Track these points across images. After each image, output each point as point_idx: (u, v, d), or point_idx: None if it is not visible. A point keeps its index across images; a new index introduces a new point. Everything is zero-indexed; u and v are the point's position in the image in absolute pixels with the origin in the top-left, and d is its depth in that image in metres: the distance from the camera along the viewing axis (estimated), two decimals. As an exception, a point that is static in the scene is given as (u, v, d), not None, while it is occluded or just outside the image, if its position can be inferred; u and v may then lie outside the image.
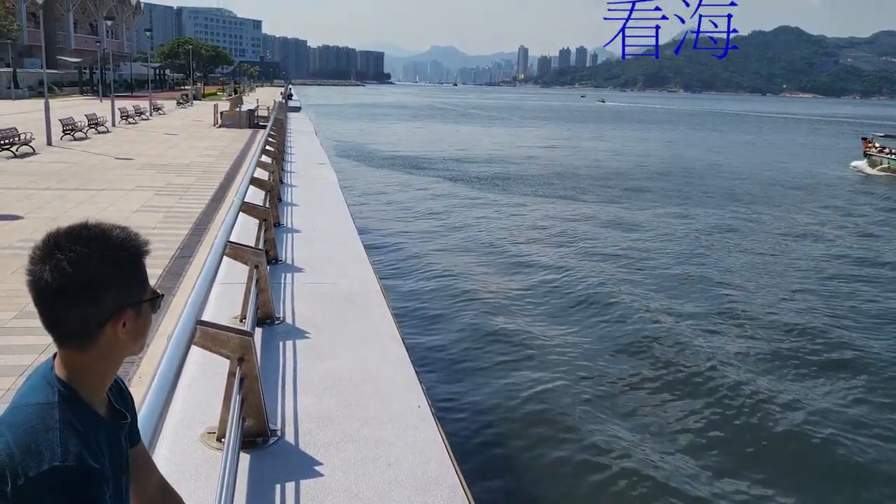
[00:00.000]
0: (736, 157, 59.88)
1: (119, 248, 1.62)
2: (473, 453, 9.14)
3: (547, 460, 9.27)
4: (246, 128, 40.29)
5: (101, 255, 1.58)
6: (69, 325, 1.59)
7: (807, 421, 10.79)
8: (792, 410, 11.12)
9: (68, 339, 1.61)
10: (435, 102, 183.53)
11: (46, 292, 1.56)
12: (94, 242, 1.59)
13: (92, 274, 1.56)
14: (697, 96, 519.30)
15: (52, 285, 1.54)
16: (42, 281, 1.55)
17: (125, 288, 1.63)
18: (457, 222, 26.18)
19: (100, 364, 1.66)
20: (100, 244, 1.59)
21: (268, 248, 8.97)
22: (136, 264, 1.66)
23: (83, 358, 1.62)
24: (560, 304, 16.31)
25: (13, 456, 1.47)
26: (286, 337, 6.75)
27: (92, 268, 1.56)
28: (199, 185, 19.42)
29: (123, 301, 1.62)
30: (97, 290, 1.57)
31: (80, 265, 1.55)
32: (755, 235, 25.76)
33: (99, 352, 1.63)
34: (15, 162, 22.94)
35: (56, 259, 1.55)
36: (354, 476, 4.39)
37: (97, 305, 1.58)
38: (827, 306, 16.92)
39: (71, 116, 33.06)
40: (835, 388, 12.22)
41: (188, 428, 4.87)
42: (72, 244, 1.57)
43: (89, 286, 1.56)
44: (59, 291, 1.55)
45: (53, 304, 1.57)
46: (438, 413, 5.60)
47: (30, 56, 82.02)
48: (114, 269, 1.60)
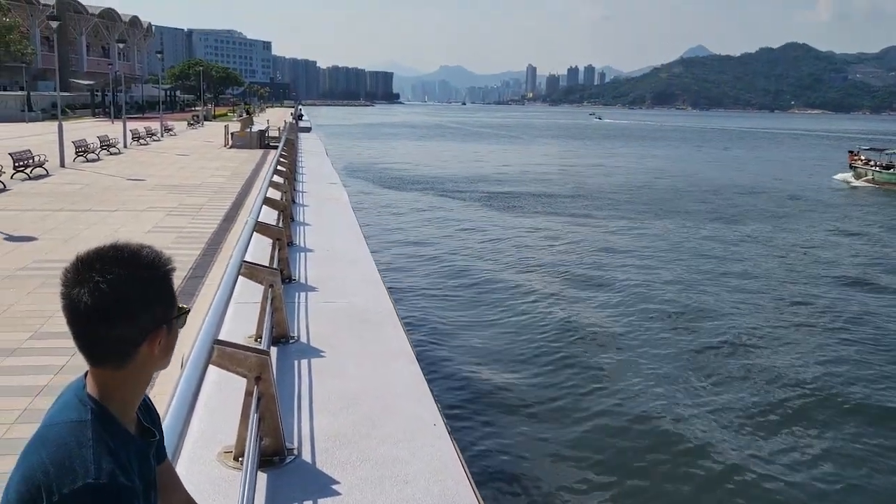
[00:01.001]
0: (736, 171, 61.35)
1: (151, 268, 1.65)
2: (491, 471, 9.12)
3: (566, 480, 9.22)
4: (256, 148, 40.52)
5: (136, 276, 1.61)
6: (107, 346, 1.61)
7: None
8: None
9: (104, 359, 1.63)
10: (444, 122, 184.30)
11: (85, 315, 1.57)
12: (128, 264, 1.62)
13: (129, 295, 1.59)
14: (705, 114, 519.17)
15: (91, 308, 1.56)
16: (81, 304, 1.57)
17: (159, 306, 1.66)
18: (467, 240, 26.27)
19: (131, 382, 1.68)
20: (134, 265, 1.62)
21: (281, 267, 9.01)
22: (166, 283, 1.70)
23: (116, 376, 1.65)
24: (574, 323, 16.27)
25: (48, 473, 1.49)
26: (301, 356, 6.77)
27: (129, 289, 1.59)
28: (210, 206, 19.53)
29: (158, 319, 1.65)
30: (134, 311, 1.60)
31: (118, 286, 1.58)
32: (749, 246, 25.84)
33: (132, 370, 1.65)
34: (29, 184, 23.15)
35: (95, 282, 1.57)
36: (371, 494, 4.39)
37: (134, 326, 1.61)
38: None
39: (84, 138, 33.36)
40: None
41: (205, 447, 4.88)
42: (108, 266, 1.59)
43: (127, 307, 1.59)
44: (97, 313, 1.57)
45: (91, 326, 1.59)
46: (454, 431, 5.59)
47: (43, 79, 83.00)
48: (148, 289, 1.63)
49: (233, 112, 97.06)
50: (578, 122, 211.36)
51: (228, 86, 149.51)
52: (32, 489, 1.49)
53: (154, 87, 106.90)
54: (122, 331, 1.60)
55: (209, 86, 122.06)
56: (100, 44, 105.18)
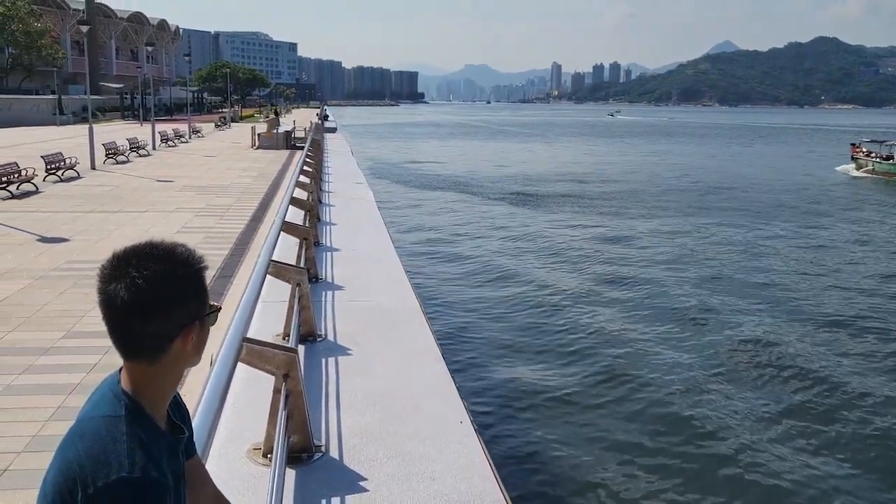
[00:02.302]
0: (747, 167, 62.42)
1: (185, 265, 1.69)
2: (518, 470, 9.11)
3: (594, 479, 9.18)
4: (283, 149, 40.83)
5: (172, 273, 1.64)
6: (142, 340, 1.64)
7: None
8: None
9: (139, 353, 1.66)
10: (469, 120, 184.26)
11: (121, 310, 1.61)
12: (164, 260, 1.65)
13: (165, 290, 1.62)
14: (732, 110, 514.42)
15: (128, 303, 1.60)
16: (118, 299, 1.60)
17: (193, 302, 1.69)
18: (492, 239, 26.25)
19: (164, 377, 1.71)
20: (169, 261, 1.66)
21: (308, 266, 9.08)
22: (200, 279, 1.73)
23: (150, 371, 1.68)
24: (602, 321, 16.19)
25: (83, 466, 1.53)
26: (328, 354, 6.82)
27: (164, 285, 1.62)
28: (238, 206, 19.72)
29: (192, 315, 1.69)
30: (169, 306, 1.63)
31: (154, 282, 1.61)
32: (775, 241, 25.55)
33: (165, 365, 1.69)
34: (61, 186, 23.53)
35: (131, 277, 1.60)
36: (399, 491, 4.42)
37: (169, 321, 1.64)
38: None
39: (113, 141, 33.84)
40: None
41: (234, 444, 4.94)
42: (144, 262, 1.63)
43: (162, 302, 1.62)
44: (134, 308, 1.60)
45: (128, 321, 1.62)
46: (481, 429, 5.60)
47: (74, 83, 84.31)
48: (183, 286, 1.66)
49: (259, 113, 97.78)
50: (594, 119, 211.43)
51: (255, 87, 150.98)
52: (69, 481, 1.53)
53: (182, 90, 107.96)
54: (157, 326, 1.63)
55: (236, 87, 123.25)
56: (129, 47, 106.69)
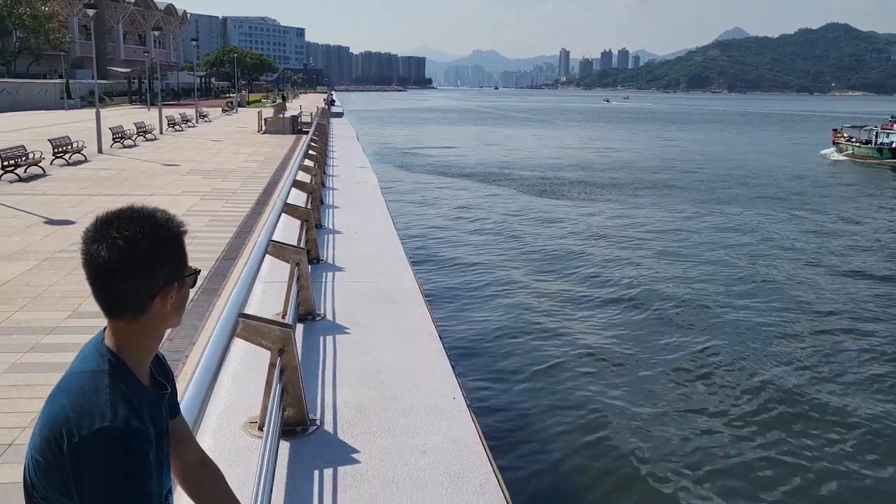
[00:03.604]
0: (742, 151, 64.74)
1: (164, 228, 1.78)
2: (506, 445, 9.32)
3: (578, 454, 9.40)
4: (289, 134, 40.88)
5: (151, 234, 1.74)
6: (122, 298, 1.74)
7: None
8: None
9: (120, 311, 1.76)
10: (476, 106, 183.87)
11: (103, 269, 1.71)
12: (143, 222, 1.74)
13: (143, 251, 1.72)
14: (741, 97, 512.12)
15: (108, 262, 1.70)
16: (99, 258, 1.70)
17: (171, 263, 1.79)
18: (494, 224, 26.34)
19: (145, 335, 1.81)
20: (148, 224, 1.75)
21: (309, 247, 9.17)
22: (178, 242, 1.82)
23: (131, 329, 1.78)
24: (599, 307, 16.30)
25: (69, 417, 1.64)
26: (326, 332, 6.93)
27: (143, 245, 1.71)
28: (243, 190, 19.83)
29: (170, 276, 1.78)
30: (148, 266, 1.73)
31: (133, 243, 1.71)
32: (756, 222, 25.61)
33: (145, 323, 1.78)
34: (68, 169, 23.68)
35: (112, 238, 1.70)
36: (391, 463, 4.53)
37: (148, 280, 1.74)
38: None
39: (120, 125, 33.96)
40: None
41: (231, 417, 5.06)
42: (125, 224, 1.72)
43: (141, 262, 1.72)
44: (113, 268, 1.70)
45: (108, 280, 1.72)
46: (473, 406, 5.71)
47: (81, 67, 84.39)
48: (162, 247, 1.76)
49: (266, 98, 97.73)
50: (599, 106, 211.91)
51: (262, 72, 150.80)
52: (55, 432, 1.65)
53: (189, 75, 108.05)
54: (136, 284, 1.73)
55: (243, 72, 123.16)
56: (136, 32, 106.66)
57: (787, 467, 9.25)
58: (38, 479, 1.69)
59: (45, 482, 1.68)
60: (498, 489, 4.34)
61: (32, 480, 1.71)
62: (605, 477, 8.87)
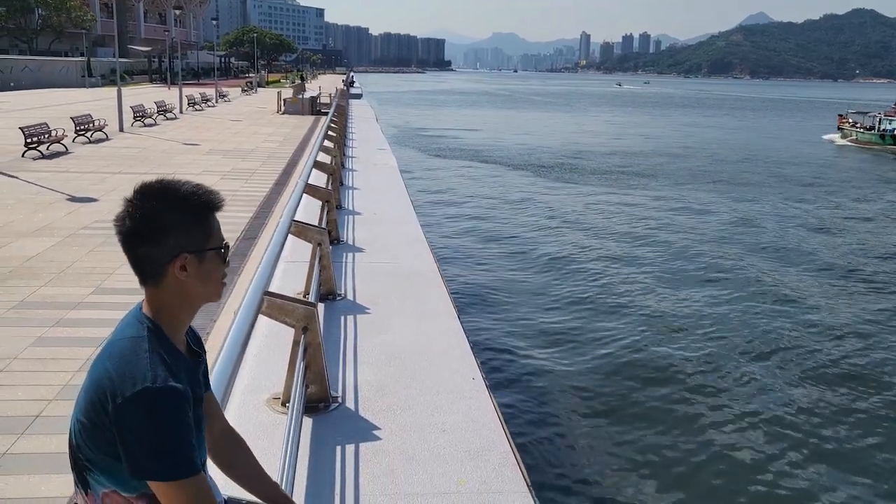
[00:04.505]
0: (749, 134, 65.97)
1: (184, 200, 1.88)
2: (525, 425, 9.38)
3: (595, 434, 9.46)
4: (308, 115, 40.95)
5: (166, 205, 1.85)
6: (141, 263, 1.87)
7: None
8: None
9: (143, 276, 1.89)
10: (495, 89, 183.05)
11: (123, 235, 1.85)
12: (161, 194, 1.86)
13: (156, 219, 1.84)
14: (763, 83, 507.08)
15: (128, 228, 1.84)
16: (125, 226, 1.85)
17: (185, 234, 1.87)
18: (512, 206, 26.33)
19: (173, 302, 1.90)
20: (166, 195, 1.86)
21: (330, 228, 9.25)
22: (200, 215, 1.90)
23: (159, 295, 1.89)
24: (617, 290, 16.29)
25: (112, 380, 1.74)
26: (347, 312, 7.01)
27: (157, 214, 1.84)
28: (263, 170, 19.92)
29: (182, 245, 1.87)
30: (159, 234, 1.84)
31: (148, 212, 1.83)
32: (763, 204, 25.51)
33: (169, 290, 1.89)
34: (90, 147, 23.87)
35: (134, 206, 1.84)
36: (411, 440, 4.61)
37: (160, 247, 1.84)
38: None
39: (141, 104, 34.14)
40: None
41: (255, 393, 5.15)
42: (146, 195, 1.86)
43: (153, 230, 1.84)
44: (131, 234, 1.84)
45: (130, 246, 1.86)
46: (492, 386, 5.77)
47: (102, 45, 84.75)
48: (176, 216, 1.85)
49: (286, 79, 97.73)
50: (605, 90, 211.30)
51: (282, 52, 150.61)
52: (100, 394, 1.75)
53: (209, 54, 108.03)
54: (148, 250, 1.84)
55: (263, 52, 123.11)
56: (157, 10, 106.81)
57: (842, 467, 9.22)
58: (83, 442, 1.78)
59: (90, 443, 1.77)
60: (516, 467, 4.40)
61: (78, 443, 1.80)
62: (624, 460, 8.92)
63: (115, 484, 1.79)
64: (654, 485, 8.41)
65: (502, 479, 4.24)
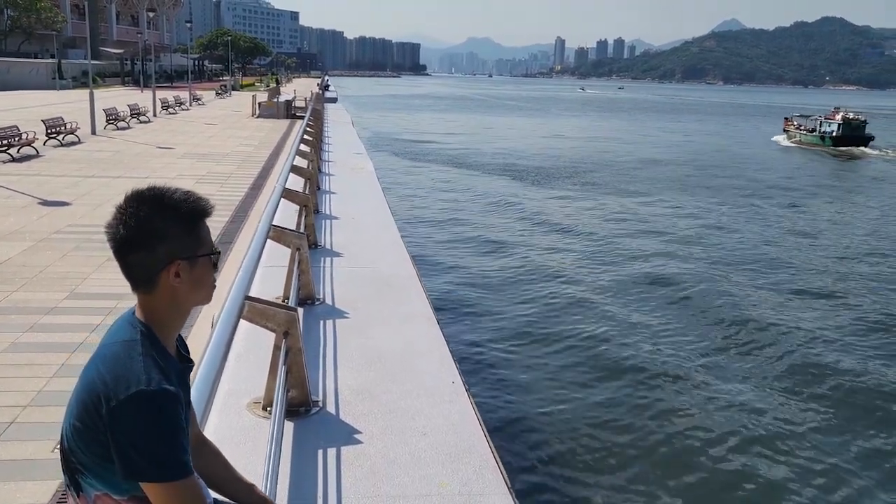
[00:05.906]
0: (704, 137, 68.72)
1: (175, 208, 1.91)
2: (504, 428, 9.49)
3: (574, 435, 9.58)
4: (283, 118, 40.81)
5: (160, 213, 1.88)
6: (133, 270, 1.89)
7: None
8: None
9: (135, 283, 1.91)
10: (469, 94, 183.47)
11: (115, 242, 1.88)
12: (153, 202, 1.89)
13: (148, 227, 1.86)
14: (735, 88, 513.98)
15: (121, 236, 1.86)
16: (118, 234, 1.87)
17: (177, 241, 1.90)
18: (489, 211, 26.45)
19: (166, 307, 1.93)
20: (159, 203, 1.89)
21: (308, 232, 9.23)
22: (187, 221, 1.93)
23: (151, 301, 1.92)
24: (594, 291, 16.44)
25: (106, 384, 1.77)
26: (326, 316, 7.02)
27: (149, 221, 1.87)
28: (238, 174, 19.84)
29: (176, 252, 1.90)
30: (151, 241, 1.87)
31: (141, 219, 1.86)
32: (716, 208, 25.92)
33: (161, 296, 1.91)
34: (62, 150, 23.60)
35: (127, 214, 1.86)
36: (392, 444, 4.63)
37: (152, 254, 1.87)
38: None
39: (114, 107, 33.83)
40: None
41: (236, 398, 5.14)
42: (139, 203, 1.88)
43: (145, 237, 1.86)
44: (124, 242, 1.86)
45: (122, 253, 1.88)
46: (471, 389, 5.82)
47: (73, 47, 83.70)
48: (168, 225, 1.89)
49: (260, 82, 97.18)
50: (566, 95, 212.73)
51: (256, 56, 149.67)
52: (93, 397, 1.77)
53: (183, 57, 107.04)
54: (141, 257, 1.87)
55: (237, 56, 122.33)
56: (129, 13, 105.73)
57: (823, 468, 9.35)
58: (76, 445, 1.80)
59: (83, 447, 1.79)
60: (497, 469, 4.44)
61: (70, 447, 1.82)
62: (603, 460, 9.01)
63: (106, 487, 1.81)
64: (634, 484, 8.51)
65: (483, 482, 4.28)
